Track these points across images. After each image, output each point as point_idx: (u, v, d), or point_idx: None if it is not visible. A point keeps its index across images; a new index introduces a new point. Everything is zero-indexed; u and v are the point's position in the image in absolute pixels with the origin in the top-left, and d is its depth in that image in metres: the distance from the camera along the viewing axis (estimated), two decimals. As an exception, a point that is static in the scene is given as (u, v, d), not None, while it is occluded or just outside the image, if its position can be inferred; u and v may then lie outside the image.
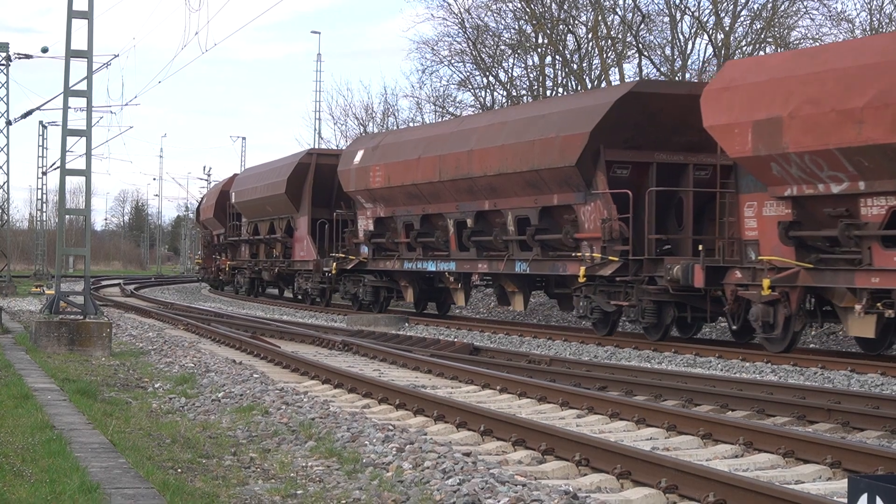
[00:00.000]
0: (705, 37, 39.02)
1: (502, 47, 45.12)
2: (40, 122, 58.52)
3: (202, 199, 58.57)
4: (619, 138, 21.45)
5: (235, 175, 48.55)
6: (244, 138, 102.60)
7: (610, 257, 21.17)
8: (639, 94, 21.34)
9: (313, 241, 35.29)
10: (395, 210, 29.86)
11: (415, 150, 28.39)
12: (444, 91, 48.30)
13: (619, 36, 40.48)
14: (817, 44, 34.52)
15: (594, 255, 21.57)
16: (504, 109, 35.87)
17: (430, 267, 28.26)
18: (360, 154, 31.48)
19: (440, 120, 44.61)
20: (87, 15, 19.94)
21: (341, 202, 33.61)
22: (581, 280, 21.89)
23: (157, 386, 14.27)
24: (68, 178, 21.70)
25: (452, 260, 27.29)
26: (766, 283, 18.29)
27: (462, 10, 44.59)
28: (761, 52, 36.70)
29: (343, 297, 34.31)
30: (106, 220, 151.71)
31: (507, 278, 25.67)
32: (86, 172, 20.57)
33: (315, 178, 35.79)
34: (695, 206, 21.55)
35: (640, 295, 21.00)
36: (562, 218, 23.09)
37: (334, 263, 32.51)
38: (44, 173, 60.36)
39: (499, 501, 7.41)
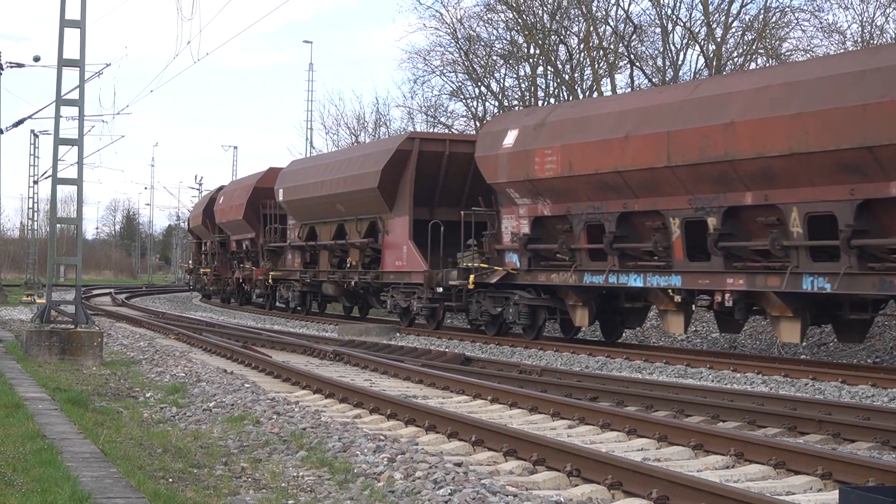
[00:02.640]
0: (697, 48, 39.21)
1: (494, 57, 45.27)
2: (32, 131, 58.65)
3: (213, 197, 49.02)
4: None
5: (273, 169, 40.70)
6: (236, 147, 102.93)
7: None
8: None
9: (418, 249, 28.24)
10: (570, 206, 22.74)
11: (618, 125, 21.19)
12: (435, 101, 48.39)
13: (611, 47, 40.59)
14: (809, 56, 34.57)
15: None
16: (787, 65, 27.45)
17: (636, 282, 21.14)
18: (512, 134, 24.33)
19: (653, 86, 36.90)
20: (80, 24, 19.98)
21: (478, 198, 26.17)
22: None
23: (148, 395, 14.25)
24: (60, 187, 21.74)
25: (676, 272, 20.18)
26: None
27: (454, 20, 44.76)
28: (753, 64, 36.82)
29: (475, 319, 26.42)
30: (97, 229, 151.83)
31: (779, 298, 18.61)
32: (77, 181, 20.58)
33: (418, 169, 28.70)
34: None
35: None
36: (889, 214, 16.90)
37: (471, 276, 25.17)
38: (35, 182, 60.40)
39: (490, 512, 7.41)
